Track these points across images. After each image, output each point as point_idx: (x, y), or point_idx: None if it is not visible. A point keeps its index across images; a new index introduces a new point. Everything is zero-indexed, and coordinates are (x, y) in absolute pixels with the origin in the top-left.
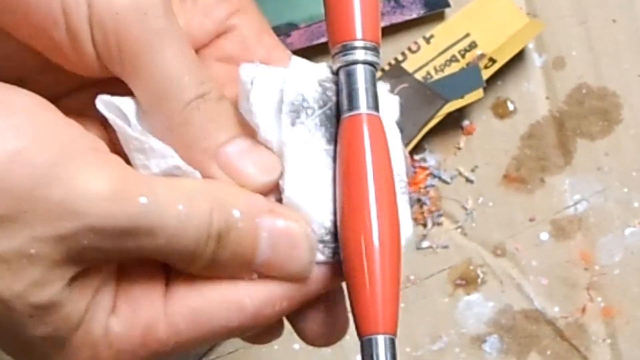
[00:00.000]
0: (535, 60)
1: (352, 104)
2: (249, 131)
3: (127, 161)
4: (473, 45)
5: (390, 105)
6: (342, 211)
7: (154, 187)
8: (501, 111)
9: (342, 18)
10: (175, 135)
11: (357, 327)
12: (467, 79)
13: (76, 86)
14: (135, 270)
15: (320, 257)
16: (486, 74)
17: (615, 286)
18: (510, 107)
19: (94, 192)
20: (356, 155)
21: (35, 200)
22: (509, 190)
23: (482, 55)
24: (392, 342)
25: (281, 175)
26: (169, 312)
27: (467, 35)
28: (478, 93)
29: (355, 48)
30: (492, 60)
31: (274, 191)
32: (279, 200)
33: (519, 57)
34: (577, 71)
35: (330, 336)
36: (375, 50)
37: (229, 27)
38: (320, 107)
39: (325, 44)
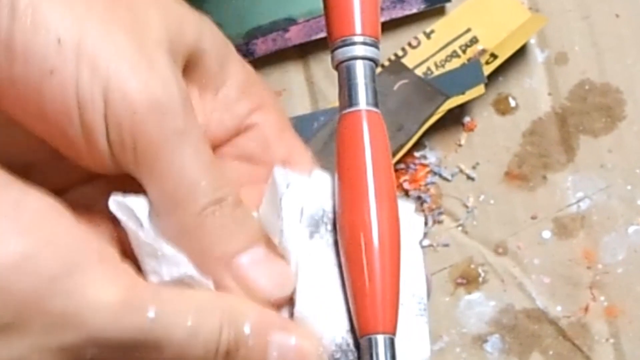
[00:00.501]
0: (537, 55)
1: (351, 100)
2: (265, 238)
3: (136, 262)
4: (474, 41)
5: (414, 224)
6: (340, 208)
7: (163, 299)
8: (503, 107)
9: (341, 13)
10: (188, 240)
11: (356, 327)
12: (468, 74)
13: (87, 177)
14: None
15: None
16: (487, 70)
17: (618, 285)
18: (512, 103)
19: (99, 304)
20: (355, 152)
21: (38, 308)
22: (510, 187)
23: (483, 51)
24: (392, 342)
25: (295, 288)
26: None
27: (468, 30)
28: (479, 89)
29: (354, 43)
30: (494, 56)
31: (287, 305)
32: (290, 313)
33: (520, 53)
34: (580, 67)
35: None
36: (375, 45)
37: (250, 124)
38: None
39: (324, 39)
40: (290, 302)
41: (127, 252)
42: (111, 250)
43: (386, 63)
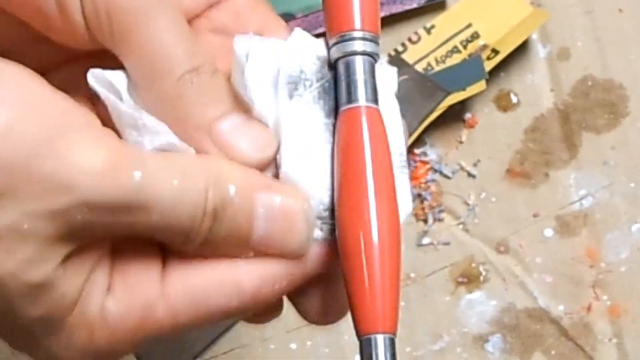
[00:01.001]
0: (540, 51)
1: (351, 96)
2: (242, 106)
3: (119, 137)
4: (475, 36)
5: (388, 76)
6: (340, 206)
7: (148, 162)
8: (504, 104)
9: (340, 8)
10: (167, 110)
11: (355, 327)
12: (469, 70)
13: (64, 60)
14: (130, 250)
15: (318, 233)
16: (489, 66)
17: (621, 284)
18: (514, 99)
19: (87, 166)
20: (355, 149)
21: (27, 175)
22: (512, 185)
23: (484, 46)
24: (392, 342)
25: (277, 150)
26: (166, 292)
27: (469, 25)
28: (480, 85)
29: (353, 39)
30: (495, 51)
31: (271, 167)
32: (276, 176)
33: (522, 48)
34: (583, 62)
35: (331, 314)
36: (374, 40)
37: None
38: (318, 80)
39: (322, 35)
40: (274, 166)
41: (108, 127)
42: (94, 116)
43: (386, 58)
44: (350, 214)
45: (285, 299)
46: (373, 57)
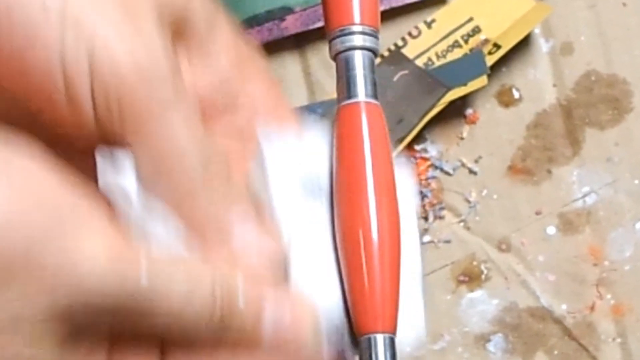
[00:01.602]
0: (542, 45)
1: (350, 91)
2: (256, 204)
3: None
4: (476, 30)
5: (409, 190)
6: (338, 203)
7: (156, 261)
8: (506, 99)
9: (340, 1)
10: (176, 205)
11: (355, 326)
12: (470, 65)
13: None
14: (128, 343)
15: (327, 344)
16: (490, 60)
17: (625, 283)
18: (516, 94)
19: (91, 261)
20: (354, 145)
21: (29, 266)
22: (514, 182)
23: (486, 41)
24: (392, 342)
25: (288, 258)
26: None
27: (471, 19)
28: (482, 80)
29: (353, 33)
30: (497, 46)
31: (282, 269)
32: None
33: (524, 43)
34: (586, 57)
35: None
36: (374, 35)
37: (241, 99)
38: (330, 180)
39: (321, 29)
40: (284, 268)
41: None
42: (101, 209)
43: (386, 53)
44: (350, 211)
45: None
46: (373, 51)
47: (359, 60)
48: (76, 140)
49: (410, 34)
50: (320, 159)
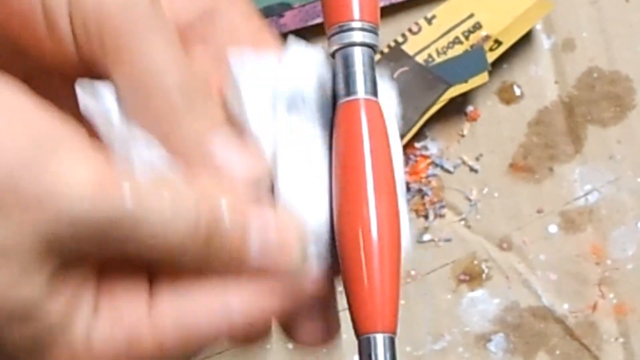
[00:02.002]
0: (544, 42)
1: (349, 88)
2: (235, 124)
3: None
4: (477, 26)
5: (387, 95)
6: (338, 202)
7: (138, 182)
8: (507, 96)
9: None
10: (157, 127)
11: (354, 326)
12: (471, 62)
13: (51, 71)
14: (116, 272)
15: (314, 257)
16: (491, 57)
17: (628, 282)
18: (517, 91)
19: (74, 183)
20: (353, 143)
21: (12, 191)
22: (515, 180)
23: (487, 37)
24: (392, 341)
25: (272, 171)
26: (153, 317)
27: (471, 15)
28: (483, 77)
29: (352, 29)
30: (498, 42)
31: (266, 182)
32: (272, 192)
33: (526, 39)
34: (588, 54)
35: (322, 341)
36: (373, 31)
37: (214, 10)
38: (316, 92)
39: (320, 25)
40: (269, 183)
41: (96, 139)
42: (81, 130)
43: (385, 50)
44: (349, 210)
45: None
46: (373, 48)
47: (358, 57)
48: (60, 72)
49: (410, 30)
50: (305, 76)
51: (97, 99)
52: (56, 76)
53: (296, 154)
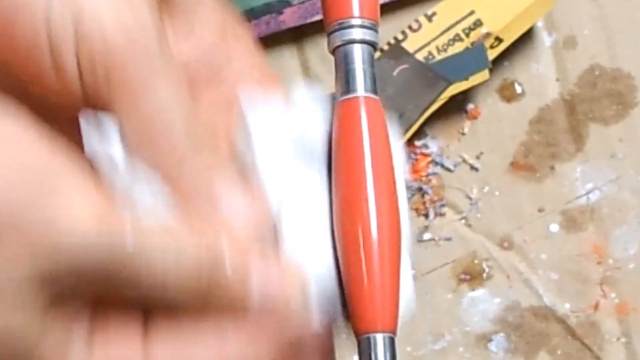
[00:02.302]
0: (545, 39)
1: (349, 86)
2: (243, 170)
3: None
4: (478, 24)
5: (399, 156)
6: (338, 201)
7: (142, 226)
8: (508, 94)
9: None
10: (161, 169)
11: (354, 325)
12: (471, 59)
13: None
14: (112, 309)
15: (316, 311)
16: (492, 54)
17: (630, 281)
18: (518, 89)
19: (76, 218)
20: (353, 141)
21: (10, 224)
22: (516, 178)
23: (487, 34)
24: (392, 341)
25: (277, 218)
26: (148, 357)
27: (472, 12)
28: (483, 74)
29: (352, 26)
30: (499, 40)
31: (271, 232)
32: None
33: (527, 36)
34: (590, 51)
35: None
36: (373, 28)
37: (226, 70)
38: (325, 141)
39: (319, 22)
40: (274, 236)
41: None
42: (84, 166)
43: (385, 47)
44: (349, 208)
45: None
46: (373, 45)
47: (358, 54)
48: (63, 108)
49: (410, 27)
50: (313, 124)
51: (101, 135)
52: (63, 113)
53: (302, 202)
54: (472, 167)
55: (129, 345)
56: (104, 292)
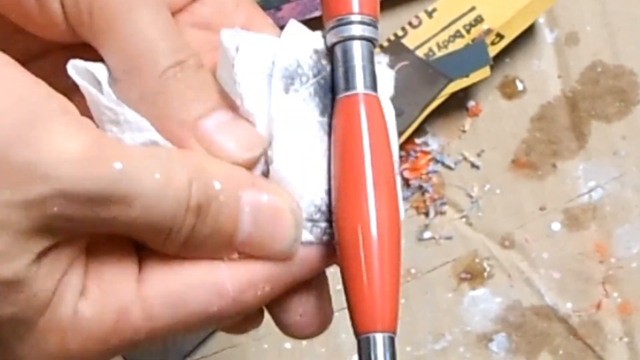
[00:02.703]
0: (547, 35)
1: (348, 83)
2: (229, 103)
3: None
4: (479, 20)
5: (385, 80)
6: (337, 199)
7: (130, 153)
8: (509, 91)
9: None
10: (150, 106)
11: (353, 325)
12: (472, 56)
13: (43, 51)
14: (106, 250)
15: (307, 236)
16: (493, 51)
17: (632, 280)
18: (519, 86)
19: (65, 154)
20: (353, 138)
21: (2, 163)
22: (517, 176)
23: (488, 31)
24: (392, 341)
25: (269, 147)
26: (143, 295)
27: (473, 8)
28: (484, 71)
29: (351, 22)
30: (500, 36)
31: (261, 163)
32: (266, 174)
33: (528, 33)
34: (592, 48)
35: (313, 328)
36: (373, 25)
37: None
38: (314, 75)
39: (319, 19)
40: (264, 161)
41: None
42: (72, 105)
43: (385, 44)
44: (348, 207)
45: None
46: (372, 42)
47: (357, 50)
48: (48, 46)
49: (410, 23)
50: (303, 56)
51: (89, 78)
52: (52, 56)
53: (292, 134)
54: (473, 165)
55: (123, 286)
56: (97, 229)
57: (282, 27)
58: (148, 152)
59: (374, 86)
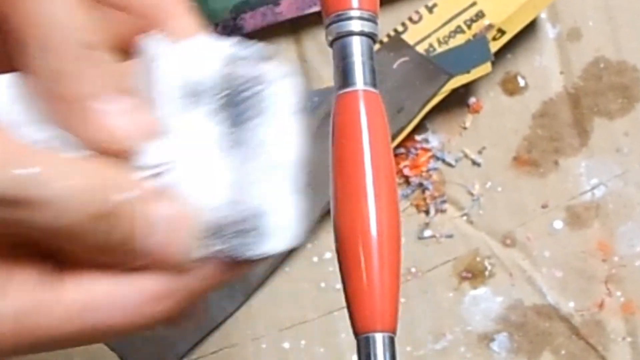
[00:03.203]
0: (549, 31)
1: (347, 79)
2: (136, 103)
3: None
4: (480, 15)
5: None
6: (336, 198)
7: (41, 157)
8: (511, 87)
9: None
10: (43, 87)
11: (352, 325)
12: (473, 51)
13: None
14: (25, 260)
15: (203, 250)
16: (494, 47)
17: (636, 279)
18: (521, 82)
19: None
20: (352, 135)
21: None
22: (519, 174)
23: (490, 26)
24: (392, 341)
25: (171, 158)
26: (48, 302)
27: (474, 3)
28: (485, 67)
29: (350, 18)
30: (501, 32)
31: (161, 176)
32: (168, 186)
33: (530, 28)
34: (594, 43)
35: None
36: (372, 20)
37: None
38: (223, 89)
39: (318, 14)
40: (163, 175)
41: None
42: None
43: (385, 39)
44: (347, 204)
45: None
46: (372, 37)
47: (357, 46)
48: None
49: (410, 19)
50: (207, 59)
51: None
52: None
53: (193, 149)
54: (474, 162)
55: (41, 290)
56: (7, 230)
57: (280, 23)
58: (59, 157)
59: (373, 82)
